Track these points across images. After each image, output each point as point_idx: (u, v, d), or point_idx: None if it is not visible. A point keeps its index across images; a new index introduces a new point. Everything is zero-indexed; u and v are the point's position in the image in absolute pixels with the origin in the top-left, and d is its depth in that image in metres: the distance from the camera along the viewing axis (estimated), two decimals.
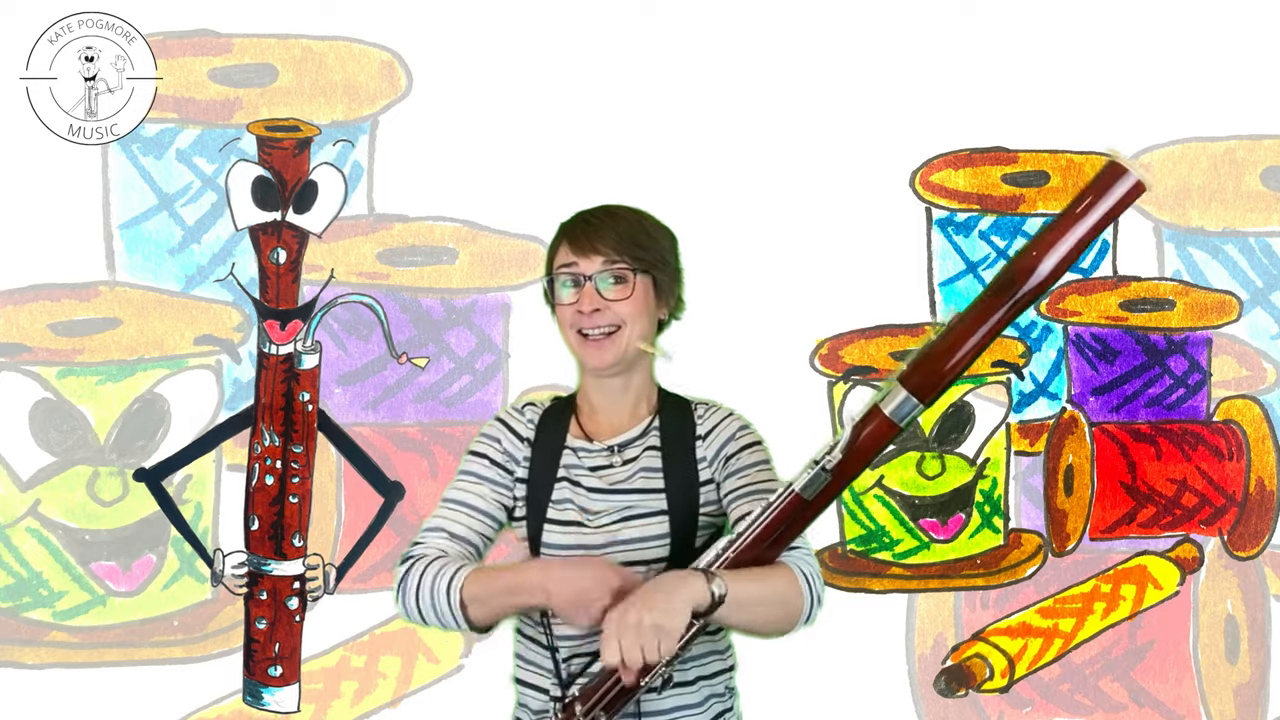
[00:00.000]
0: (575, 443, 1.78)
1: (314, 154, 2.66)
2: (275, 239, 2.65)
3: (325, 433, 2.69)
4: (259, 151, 2.64)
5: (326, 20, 2.64)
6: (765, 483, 1.72)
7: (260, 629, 2.68)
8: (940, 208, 2.74)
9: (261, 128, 2.64)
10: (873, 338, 2.73)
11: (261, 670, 2.69)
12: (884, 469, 2.75)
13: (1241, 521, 2.80)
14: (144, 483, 2.65)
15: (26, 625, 2.66)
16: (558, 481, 1.76)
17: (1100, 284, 2.77)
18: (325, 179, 2.65)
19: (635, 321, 1.72)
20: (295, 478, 2.67)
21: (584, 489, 1.75)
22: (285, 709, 2.70)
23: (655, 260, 1.75)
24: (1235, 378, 2.79)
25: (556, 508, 1.75)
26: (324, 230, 2.66)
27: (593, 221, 1.75)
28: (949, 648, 2.80)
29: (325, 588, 2.70)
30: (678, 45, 2.68)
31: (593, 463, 1.77)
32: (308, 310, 2.66)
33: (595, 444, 1.78)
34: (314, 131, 2.65)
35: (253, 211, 2.64)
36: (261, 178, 2.63)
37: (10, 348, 2.62)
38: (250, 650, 2.69)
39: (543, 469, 1.77)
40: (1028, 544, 2.79)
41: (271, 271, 2.65)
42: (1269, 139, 2.77)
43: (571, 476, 1.76)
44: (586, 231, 1.74)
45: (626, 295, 1.72)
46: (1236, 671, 2.82)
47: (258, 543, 2.68)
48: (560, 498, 1.75)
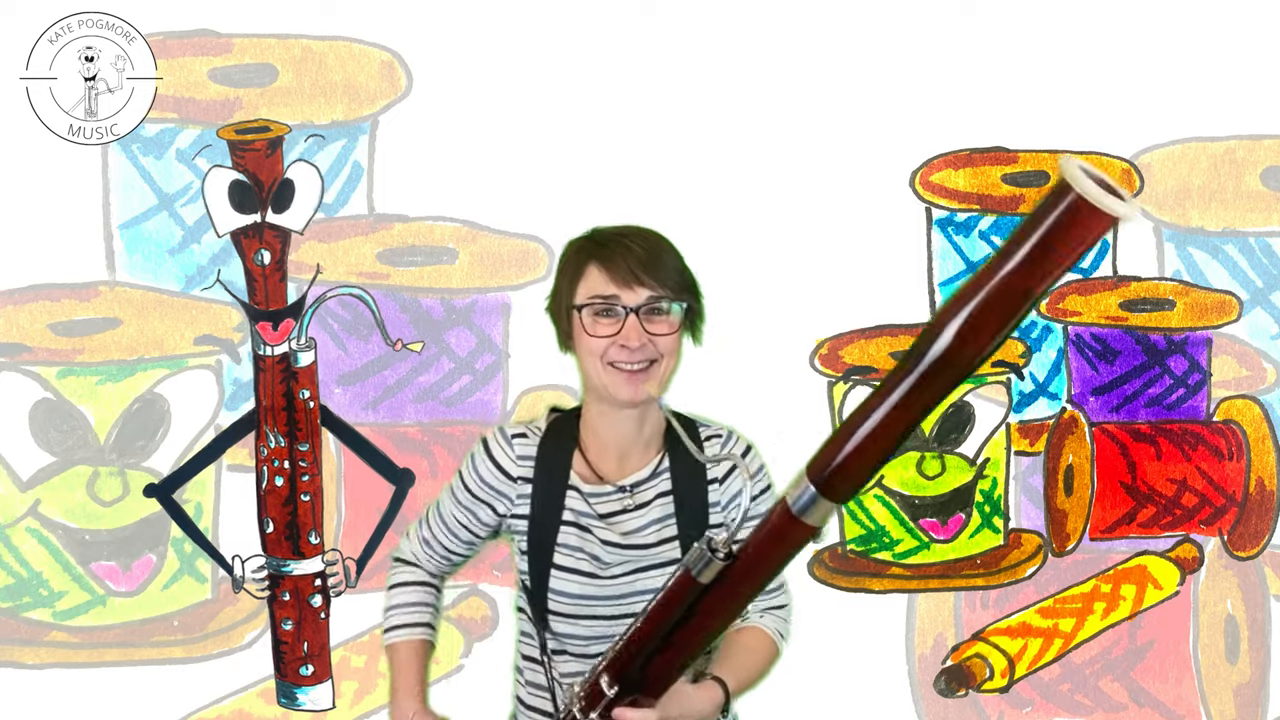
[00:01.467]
0: (582, 485, 1.71)
1: (297, 152, 2.66)
2: (258, 241, 2.65)
3: (329, 427, 2.69)
4: (231, 156, 2.63)
5: (326, 20, 2.64)
6: None
7: (287, 630, 2.68)
8: (940, 208, 2.74)
9: (231, 131, 2.63)
10: (873, 338, 2.73)
11: (293, 671, 2.69)
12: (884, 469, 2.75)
13: (1241, 521, 2.80)
14: (155, 498, 2.65)
15: (26, 625, 2.66)
16: (564, 524, 1.70)
17: (1100, 284, 2.77)
18: (301, 176, 2.65)
19: (673, 355, 1.67)
20: (305, 475, 2.67)
21: (595, 539, 1.69)
22: (321, 707, 2.70)
23: (693, 290, 1.70)
24: (1235, 378, 2.79)
25: (565, 553, 1.70)
26: (305, 227, 2.66)
27: (633, 249, 1.64)
28: (949, 648, 2.80)
29: (346, 581, 2.70)
30: (678, 45, 2.68)
31: (604, 508, 1.71)
32: (298, 309, 2.66)
33: (605, 486, 1.71)
34: (284, 130, 2.64)
35: (232, 216, 2.64)
36: (237, 181, 2.63)
37: (10, 348, 2.62)
38: (279, 652, 2.69)
39: (546, 511, 1.70)
40: (1028, 544, 2.79)
41: (258, 274, 2.65)
42: (1269, 139, 2.77)
43: (581, 523, 1.70)
44: (629, 260, 1.63)
45: (672, 330, 1.65)
46: (1236, 671, 2.82)
47: (275, 545, 2.68)
48: (569, 543, 1.70)
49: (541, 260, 2.68)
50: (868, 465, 1.30)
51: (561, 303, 1.69)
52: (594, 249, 1.67)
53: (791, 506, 1.33)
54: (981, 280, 1.20)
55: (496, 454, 1.73)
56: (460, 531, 1.79)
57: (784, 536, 1.36)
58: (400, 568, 1.88)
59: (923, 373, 1.23)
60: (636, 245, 1.65)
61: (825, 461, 1.30)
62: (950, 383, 1.24)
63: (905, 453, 2.76)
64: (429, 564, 1.85)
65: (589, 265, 1.66)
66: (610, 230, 1.70)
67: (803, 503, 1.32)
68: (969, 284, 1.22)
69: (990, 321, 1.20)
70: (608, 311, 1.63)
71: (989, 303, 1.19)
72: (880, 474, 2.72)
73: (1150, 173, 2.75)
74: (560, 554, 1.69)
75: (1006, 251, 1.19)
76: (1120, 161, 2.74)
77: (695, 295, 1.70)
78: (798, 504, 1.32)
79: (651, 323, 1.63)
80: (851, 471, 1.31)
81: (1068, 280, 2.76)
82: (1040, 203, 1.17)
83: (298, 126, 2.65)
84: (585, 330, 1.64)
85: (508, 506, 1.73)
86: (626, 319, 1.62)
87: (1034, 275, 1.18)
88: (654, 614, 1.48)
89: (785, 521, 1.34)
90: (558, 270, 1.72)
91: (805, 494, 1.32)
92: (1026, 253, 1.17)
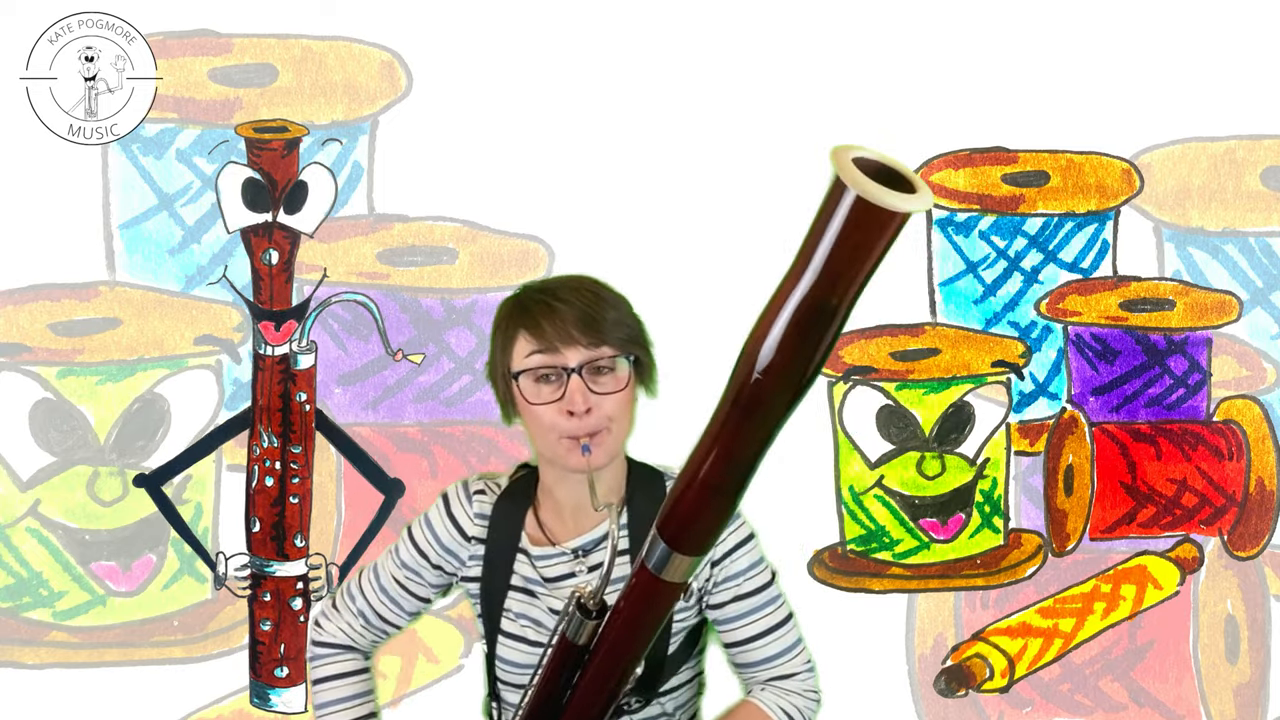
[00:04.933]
0: (532, 548, 1.61)
1: (303, 154, 2.66)
2: (267, 240, 2.65)
3: (323, 432, 2.68)
4: (248, 153, 2.64)
5: (326, 20, 2.64)
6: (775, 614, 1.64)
7: (265, 630, 2.68)
8: (940, 208, 2.74)
9: (250, 129, 2.63)
10: (873, 338, 2.73)
11: (268, 672, 2.69)
12: (884, 469, 2.75)
13: (1241, 521, 2.80)
14: (144, 488, 2.65)
15: (26, 625, 2.66)
16: (511, 589, 1.61)
17: (1100, 284, 2.77)
18: (315, 179, 2.65)
19: (625, 415, 1.54)
20: (295, 478, 2.67)
21: (542, 606, 1.60)
22: (293, 709, 2.70)
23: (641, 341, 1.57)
24: (1235, 378, 2.79)
25: (511, 619, 1.61)
26: (315, 230, 2.66)
27: (567, 307, 1.52)
28: (949, 648, 2.79)
29: (328, 587, 2.70)
30: (677, 45, 2.68)
31: (551, 573, 1.60)
32: (302, 311, 2.66)
33: (554, 549, 1.60)
34: (302, 132, 2.65)
35: (244, 214, 2.64)
36: (251, 179, 2.63)
37: (10, 348, 2.62)
38: (256, 652, 2.69)
39: (495, 574, 1.61)
40: (1028, 544, 2.79)
41: (265, 273, 2.65)
42: (1269, 139, 2.77)
43: (528, 588, 1.61)
44: (554, 318, 1.51)
45: (620, 386, 1.52)
46: (1236, 671, 2.82)
47: (260, 544, 2.68)
48: (515, 610, 1.61)
49: (542, 260, 2.68)
50: (715, 514, 1.20)
51: (497, 370, 1.59)
52: (525, 309, 1.56)
53: (649, 565, 1.25)
54: (779, 301, 1.10)
55: (455, 511, 1.65)
56: (403, 599, 1.69)
57: (649, 595, 1.28)
58: (324, 656, 1.74)
59: (743, 409, 1.13)
60: (570, 301, 1.53)
61: (669, 516, 1.21)
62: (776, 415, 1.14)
63: (906, 453, 2.76)
64: (361, 640, 1.73)
65: (520, 329, 1.55)
66: (541, 286, 1.60)
67: (658, 559, 1.24)
68: (770, 308, 1.11)
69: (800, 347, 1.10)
70: (548, 377, 1.52)
71: (795, 327, 1.10)
72: (880, 473, 2.75)
73: (1150, 173, 2.75)
74: (506, 620, 1.61)
75: (796, 268, 1.09)
76: (1120, 161, 2.74)
77: (644, 346, 1.58)
78: (654, 561, 1.24)
79: (597, 382, 1.51)
80: (698, 523, 1.21)
81: (1067, 280, 2.76)
82: (820, 206, 1.06)
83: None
84: (526, 399, 1.53)
85: (456, 567, 1.65)
86: (569, 381, 1.50)
87: (833, 290, 1.09)
88: (541, 682, 1.43)
89: (647, 580, 1.27)
90: (491, 336, 1.62)
91: (659, 551, 1.24)
92: (818, 267, 1.07)
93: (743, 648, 1.64)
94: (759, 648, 1.64)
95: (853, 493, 2.75)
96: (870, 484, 2.76)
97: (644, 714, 1.62)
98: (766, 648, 1.64)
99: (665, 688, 1.62)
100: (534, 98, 2.67)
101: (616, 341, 1.52)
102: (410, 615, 1.72)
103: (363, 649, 1.75)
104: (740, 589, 1.61)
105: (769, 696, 1.62)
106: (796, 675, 1.65)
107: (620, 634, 1.33)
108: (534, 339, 1.52)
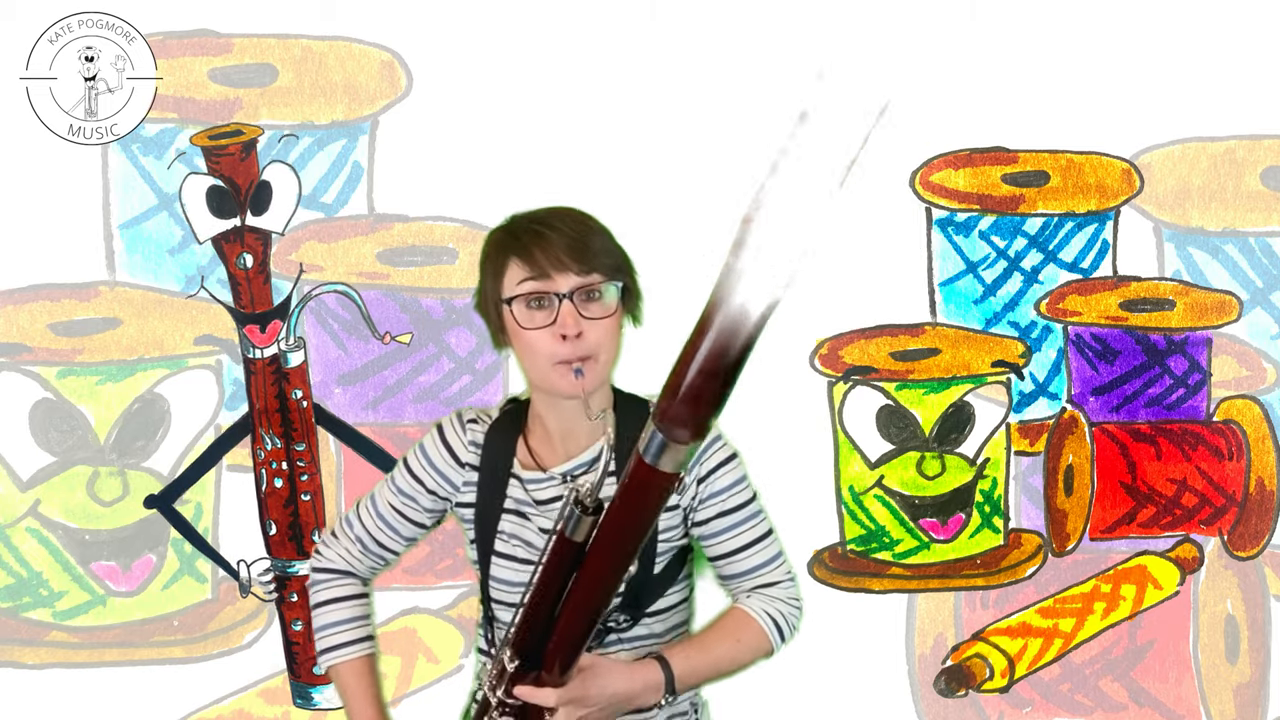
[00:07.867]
0: (523, 472, 1.68)
1: (261, 154, 2.65)
2: (239, 245, 2.65)
3: (324, 425, 2.69)
4: (206, 161, 2.63)
5: (326, 20, 2.64)
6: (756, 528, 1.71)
7: (297, 631, 2.68)
8: (940, 208, 2.74)
9: (204, 138, 2.63)
10: (873, 338, 2.73)
11: (307, 671, 2.69)
12: (884, 469, 2.76)
13: (1241, 521, 2.80)
14: (156, 509, 2.65)
15: (26, 625, 2.66)
16: (505, 512, 1.67)
17: (1100, 284, 2.77)
18: (277, 177, 2.65)
19: (613, 342, 1.60)
20: (304, 475, 2.67)
21: (533, 527, 1.66)
22: (336, 705, 2.69)
23: (628, 269, 1.63)
24: (1235, 378, 2.79)
25: (504, 540, 1.67)
26: (285, 228, 2.65)
27: (557, 234, 1.57)
28: (949, 648, 2.80)
29: None
30: (677, 44, 2.68)
31: (542, 495, 1.67)
32: (285, 309, 2.66)
33: (545, 473, 1.67)
34: (256, 132, 2.64)
35: (212, 222, 2.64)
36: (214, 187, 2.63)
37: (10, 348, 2.62)
38: (291, 654, 2.69)
39: (488, 498, 1.67)
40: (1028, 544, 2.79)
41: (241, 277, 2.65)
42: (1269, 139, 2.77)
43: (520, 510, 1.67)
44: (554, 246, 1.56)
45: (609, 313, 1.57)
46: (1236, 671, 2.82)
47: (279, 547, 2.68)
48: (508, 530, 1.67)
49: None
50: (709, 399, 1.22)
51: (489, 299, 1.63)
52: (516, 237, 1.60)
53: (645, 457, 1.30)
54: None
55: (450, 438, 1.71)
56: (399, 524, 1.76)
57: (645, 486, 1.33)
58: (324, 581, 1.82)
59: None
60: (560, 229, 1.58)
61: (665, 404, 1.24)
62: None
63: (906, 453, 2.76)
64: (360, 566, 1.81)
65: (511, 256, 1.59)
66: (530, 215, 1.64)
67: (654, 450, 1.29)
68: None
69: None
70: (539, 302, 1.56)
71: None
72: (881, 473, 2.75)
73: (1150, 173, 2.75)
74: (500, 541, 1.67)
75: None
76: (1120, 161, 2.74)
77: (630, 274, 1.63)
78: (650, 453, 1.29)
79: (586, 308, 1.56)
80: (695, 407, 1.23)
81: (1068, 280, 2.76)
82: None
83: (298, 127, 2.65)
84: (519, 323, 1.57)
85: (450, 492, 1.71)
86: (560, 306, 1.55)
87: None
88: (540, 580, 1.47)
89: (644, 471, 1.31)
90: (481, 265, 1.66)
91: (655, 442, 1.28)
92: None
93: (728, 560, 1.72)
94: (743, 559, 1.71)
95: (853, 493, 2.75)
96: (870, 484, 2.76)
97: (633, 633, 1.69)
98: (750, 559, 1.71)
99: (653, 609, 1.69)
100: (534, 98, 2.67)
101: (605, 268, 1.57)
102: (407, 541, 1.78)
103: (361, 575, 1.82)
104: (724, 504, 1.68)
105: (754, 603, 1.70)
106: (779, 584, 1.72)
107: (616, 527, 1.38)
108: (525, 265, 1.56)
